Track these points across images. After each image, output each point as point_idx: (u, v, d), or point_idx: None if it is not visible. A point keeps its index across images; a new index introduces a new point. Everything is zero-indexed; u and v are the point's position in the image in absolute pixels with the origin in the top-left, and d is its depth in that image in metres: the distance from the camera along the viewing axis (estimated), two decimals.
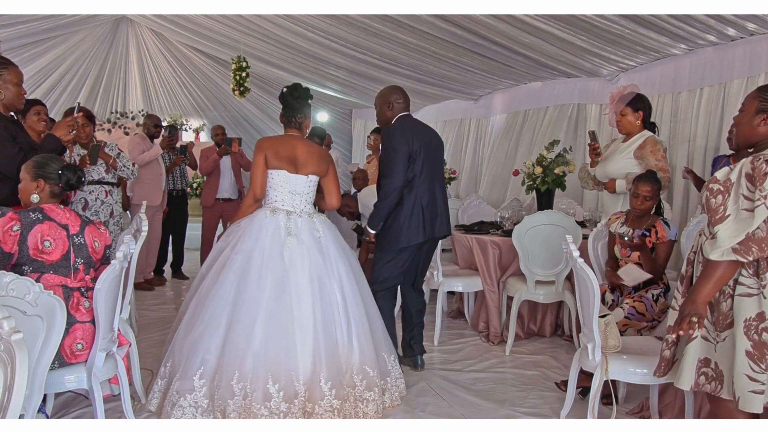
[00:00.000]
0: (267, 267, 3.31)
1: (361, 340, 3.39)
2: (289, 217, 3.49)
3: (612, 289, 3.72)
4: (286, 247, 3.38)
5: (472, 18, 5.42)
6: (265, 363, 3.14)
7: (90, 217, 4.92)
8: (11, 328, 1.65)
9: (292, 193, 3.55)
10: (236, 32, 8.22)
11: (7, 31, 8.23)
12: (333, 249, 3.51)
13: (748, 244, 2.11)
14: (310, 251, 3.41)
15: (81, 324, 2.81)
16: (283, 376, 3.15)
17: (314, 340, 3.25)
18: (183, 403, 3.11)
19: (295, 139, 3.61)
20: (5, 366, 1.63)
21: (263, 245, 3.37)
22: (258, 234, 3.40)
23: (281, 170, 3.52)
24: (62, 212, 2.93)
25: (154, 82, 11.33)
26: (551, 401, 3.64)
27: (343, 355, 3.32)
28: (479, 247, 4.84)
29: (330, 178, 3.70)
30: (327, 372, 3.22)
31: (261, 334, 3.17)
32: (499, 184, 7.94)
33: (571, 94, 7.09)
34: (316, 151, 3.62)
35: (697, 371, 2.37)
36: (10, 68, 3.36)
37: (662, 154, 4.00)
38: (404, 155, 3.79)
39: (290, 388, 3.14)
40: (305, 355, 3.22)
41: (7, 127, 3.28)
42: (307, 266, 3.37)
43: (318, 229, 3.53)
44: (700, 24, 4.74)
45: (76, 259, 2.92)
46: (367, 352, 3.40)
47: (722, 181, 2.22)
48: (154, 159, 6.31)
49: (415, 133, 3.87)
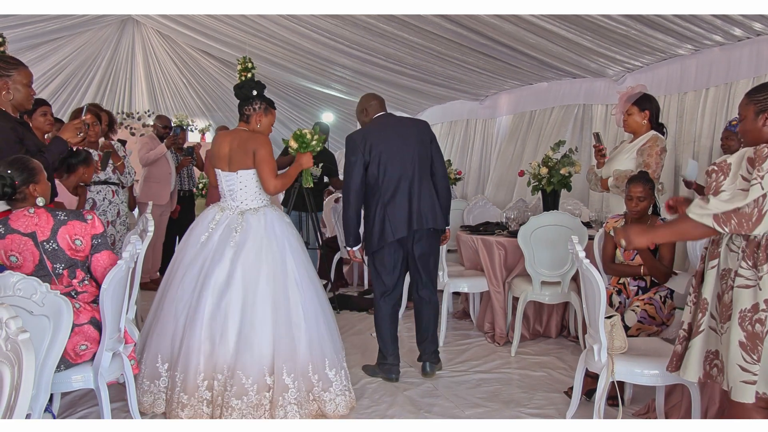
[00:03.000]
0: (213, 266, 3.39)
1: (313, 340, 3.39)
2: (236, 213, 3.54)
3: (618, 291, 3.70)
4: (230, 245, 3.43)
5: (477, 18, 5.42)
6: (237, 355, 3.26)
7: (99, 217, 4.93)
8: (18, 328, 1.66)
9: (230, 190, 3.59)
10: (241, 33, 8.24)
11: (15, 32, 8.27)
12: (286, 244, 3.50)
13: (730, 216, 2.19)
14: (260, 246, 3.44)
15: (79, 327, 2.77)
16: (255, 370, 3.24)
17: (274, 335, 3.30)
18: (153, 389, 3.32)
19: (227, 135, 3.67)
20: (12, 366, 1.63)
21: (213, 241, 3.47)
22: (206, 232, 3.52)
23: (217, 169, 3.63)
24: (30, 218, 2.80)
25: (159, 82, 11.37)
26: (557, 402, 3.63)
27: (301, 352, 3.34)
28: (485, 248, 4.83)
29: (260, 165, 3.50)
30: (287, 367, 3.27)
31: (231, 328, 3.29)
32: (505, 185, 7.93)
33: (576, 94, 7.08)
34: (237, 145, 3.54)
35: (708, 363, 2.40)
36: (20, 69, 3.36)
37: (657, 151, 3.99)
38: (358, 165, 3.82)
39: (262, 381, 3.23)
40: (267, 349, 3.28)
41: (14, 129, 3.28)
42: (258, 262, 3.40)
43: (266, 222, 3.52)
44: (706, 24, 4.72)
45: (55, 266, 2.84)
46: (325, 351, 3.41)
47: (718, 163, 2.28)
48: (159, 157, 6.33)
49: (373, 135, 3.87)
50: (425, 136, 3.98)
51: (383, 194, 3.84)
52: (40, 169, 2.90)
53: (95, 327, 2.83)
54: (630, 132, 4.20)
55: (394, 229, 3.81)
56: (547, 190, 4.98)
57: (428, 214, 3.87)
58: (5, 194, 2.78)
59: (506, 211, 5.37)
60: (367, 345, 4.71)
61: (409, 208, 3.83)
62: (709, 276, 2.42)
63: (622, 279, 3.72)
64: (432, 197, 3.91)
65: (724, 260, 2.36)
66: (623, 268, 3.70)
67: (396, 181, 3.84)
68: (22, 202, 2.83)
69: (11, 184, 2.77)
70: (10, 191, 2.78)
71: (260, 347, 3.26)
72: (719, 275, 2.39)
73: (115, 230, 5.19)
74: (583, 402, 3.36)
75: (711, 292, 2.41)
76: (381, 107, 4.06)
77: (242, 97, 3.67)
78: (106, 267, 2.89)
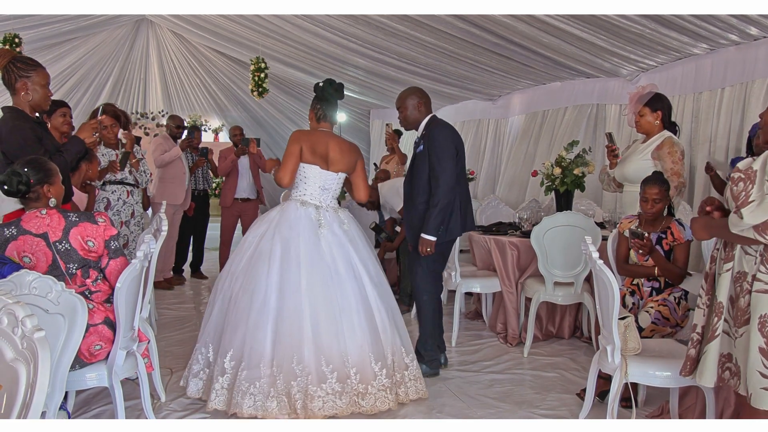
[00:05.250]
0: (306, 255, 3.45)
1: (399, 327, 3.60)
2: (318, 210, 3.61)
3: (632, 292, 3.68)
4: (321, 237, 3.52)
5: (490, 18, 5.40)
6: (318, 347, 3.31)
7: (112, 217, 4.96)
8: (34, 326, 1.67)
9: (322, 188, 3.67)
10: (255, 33, 8.26)
11: (31, 33, 8.35)
12: (360, 241, 3.66)
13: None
14: (342, 242, 3.56)
15: (93, 327, 2.79)
16: (335, 359, 3.31)
17: (359, 325, 3.41)
18: (253, 391, 3.22)
19: (329, 136, 3.71)
20: (28, 363, 1.65)
21: (299, 234, 3.50)
22: (292, 224, 3.53)
23: (315, 165, 3.63)
24: (42, 219, 2.82)
25: (174, 82, 11.42)
26: (569, 404, 3.62)
27: (385, 340, 3.48)
28: (497, 248, 4.82)
29: (358, 173, 3.79)
30: (374, 355, 3.39)
31: (310, 321, 3.33)
32: (517, 185, 7.90)
33: (590, 94, 7.03)
34: (347, 148, 3.72)
35: (721, 366, 2.38)
36: (39, 70, 3.42)
37: (679, 156, 3.95)
38: (454, 155, 3.88)
39: (342, 370, 3.30)
40: (354, 339, 3.38)
41: (33, 129, 3.34)
42: (343, 255, 3.52)
43: (345, 222, 3.66)
44: (722, 23, 4.68)
45: (68, 265, 2.86)
46: (403, 338, 3.60)
47: (744, 170, 2.23)
48: (174, 160, 6.37)
49: (455, 133, 4.02)
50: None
51: (462, 191, 4.00)
52: (56, 171, 2.93)
53: (109, 327, 2.86)
54: (643, 133, 4.17)
55: (468, 224, 4.03)
56: (560, 190, 4.96)
57: (472, 219, 4.14)
58: (19, 191, 2.81)
59: (519, 212, 5.35)
60: None
61: (469, 209, 4.05)
62: (723, 279, 2.39)
63: (636, 280, 3.69)
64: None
65: (739, 263, 2.33)
66: (637, 269, 3.67)
67: (465, 180, 4.06)
68: (35, 202, 2.86)
69: (26, 182, 2.80)
70: (24, 189, 2.81)
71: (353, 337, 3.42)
72: (733, 278, 2.36)
73: (129, 231, 5.23)
74: (596, 403, 3.35)
75: (726, 296, 2.38)
76: (430, 108, 4.13)
77: (334, 100, 3.76)
78: (120, 272, 2.91)
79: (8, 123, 3.30)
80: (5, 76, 3.37)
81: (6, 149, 3.27)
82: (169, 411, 3.39)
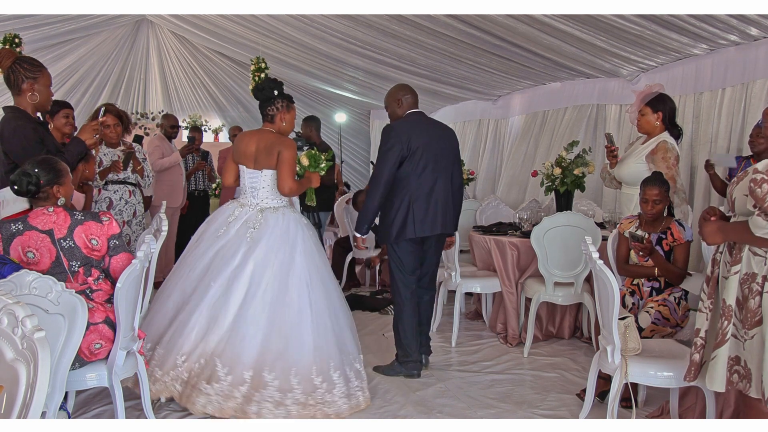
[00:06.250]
0: (226, 258, 3.48)
1: (319, 343, 3.40)
2: (256, 210, 3.64)
3: (632, 292, 3.68)
4: (246, 241, 3.52)
5: (489, 18, 5.40)
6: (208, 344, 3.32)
7: (114, 216, 4.96)
8: (34, 326, 1.67)
9: (253, 187, 3.70)
10: (254, 34, 8.26)
11: (31, 33, 8.35)
12: (298, 245, 3.57)
13: None
14: (273, 245, 3.52)
15: (94, 326, 2.79)
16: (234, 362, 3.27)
17: (265, 332, 3.34)
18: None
19: (254, 134, 3.75)
20: (28, 364, 1.65)
21: (229, 234, 3.57)
22: (224, 226, 3.62)
23: (242, 165, 3.74)
24: (48, 216, 2.84)
25: (174, 82, 11.42)
26: (569, 404, 3.62)
27: (295, 352, 3.34)
28: (497, 249, 4.82)
29: (282, 165, 3.61)
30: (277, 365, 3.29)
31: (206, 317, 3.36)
32: (517, 185, 7.90)
33: (590, 94, 7.03)
34: (264, 146, 3.66)
35: (729, 369, 2.36)
36: (44, 72, 3.46)
37: (673, 162, 3.95)
38: (395, 154, 3.82)
39: (238, 373, 3.25)
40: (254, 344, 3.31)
41: (36, 129, 3.36)
42: (267, 260, 3.47)
43: (283, 223, 3.61)
44: (721, 24, 4.68)
45: (71, 263, 2.88)
46: (331, 353, 3.41)
47: (766, 171, 2.20)
48: (173, 165, 6.38)
49: (415, 131, 3.89)
50: (456, 145, 4.12)
51: (413, 191, 3.86)
52: (67, 171, 2.96)
53: (110, 326, 2.86)
54: (643, 132, 4.18)
55: (417, 226, 3.86)
56: (560, 190, 4.96)
57: (451, 219, 4.01)
58: (29, 191, 2.83)
59: (519, 212, 5.35)
60: (379, 345, 4.71)
61: (435, 209, 3.90)
62: (731, 282, 2.36)
63: (636, 280, 3.69)
64: (454, 204, 4.04)
65: (747, 265, 2.31)
66: (637, 270, 3.67)
67: (431, 181, 3.89)
68: (44, 201, 2.88)
69: (36, 183, 2.82)
70: (34, 189, 2.83)
71: (248, 342, 3.30)
72: (741, 280, 2.34)
73: (131, 230, 5.23)
74: (596, 404, 3.34)
75: (734, 299, 2.35)
76: (415, 103, 4.09)
77: (263, 98, 3.75)
78: (125, 267, 2.91)
79: (11, 123, 3.31)
80: (10, 77, 3.39)
81: (9, 149, 3.29)
82: (169, 411, 3.39)
